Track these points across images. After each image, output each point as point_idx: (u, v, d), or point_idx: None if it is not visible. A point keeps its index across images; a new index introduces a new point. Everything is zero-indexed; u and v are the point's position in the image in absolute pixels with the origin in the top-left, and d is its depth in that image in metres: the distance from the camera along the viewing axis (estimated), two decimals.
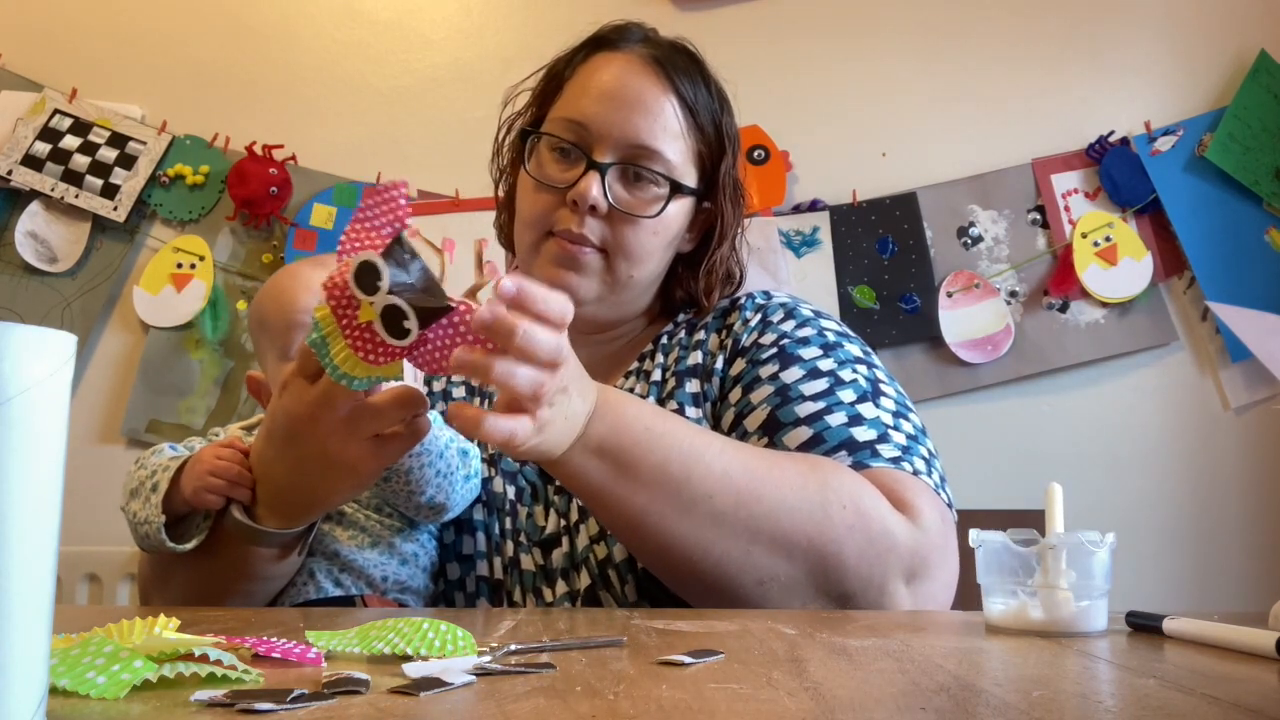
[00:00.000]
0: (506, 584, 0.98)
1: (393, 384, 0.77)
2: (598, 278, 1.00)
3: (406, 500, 0.92)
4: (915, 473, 0.91)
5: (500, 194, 1.14)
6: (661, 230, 1.01)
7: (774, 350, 0.99)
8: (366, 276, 0.67)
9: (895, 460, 0.90)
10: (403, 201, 0.69)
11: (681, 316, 1.10)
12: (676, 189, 1.00)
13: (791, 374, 0.96)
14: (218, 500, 0.85)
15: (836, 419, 0.92)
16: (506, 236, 1.14)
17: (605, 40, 1.05)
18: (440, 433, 0.92)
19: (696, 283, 1.07)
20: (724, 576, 0.82)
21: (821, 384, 0.95)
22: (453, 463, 0.92)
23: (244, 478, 0.85)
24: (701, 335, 1.05)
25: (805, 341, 1.00)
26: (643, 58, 1.02)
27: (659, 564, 0.84)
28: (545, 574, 0.97)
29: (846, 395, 0.95)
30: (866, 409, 0.94)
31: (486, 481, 1.02)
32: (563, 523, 0.97)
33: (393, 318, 0.67)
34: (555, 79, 1.07)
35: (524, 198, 1.04)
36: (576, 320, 1.04)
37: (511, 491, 1.01)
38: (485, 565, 0.98)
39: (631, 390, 1.02)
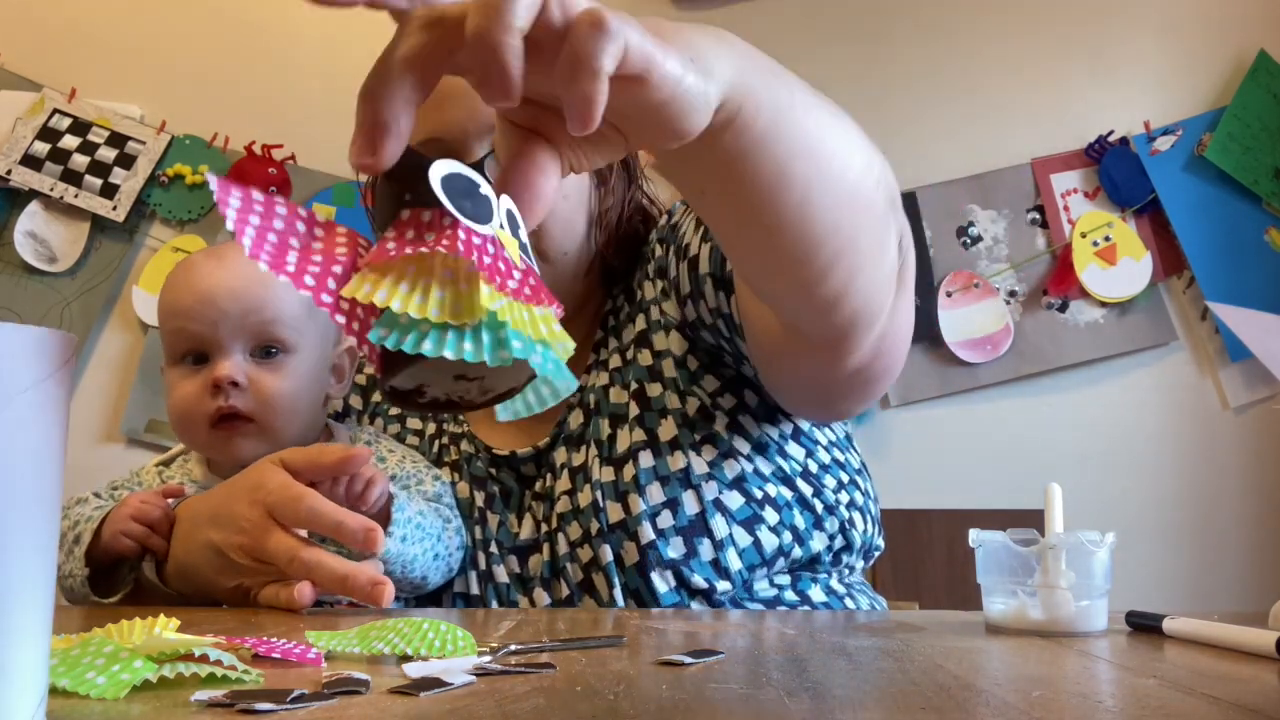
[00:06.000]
0: (483, 597, 0.94)
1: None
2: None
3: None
4: None
5: None
6: (568, 190, 0.92)
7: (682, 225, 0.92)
8: (467, 199, 0.42)
9: None
10: (266, 200, 0.42)
11: (615, 288, 1.01)
12: None
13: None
14: (132, 545, 0.83)
15: None
16: None
17: None
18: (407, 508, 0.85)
19: (602, 232, 0.97)
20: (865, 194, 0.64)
21: None
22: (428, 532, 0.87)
23: (163, 526, 0.83)
24: (640, 293, 0.98)
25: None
26: None
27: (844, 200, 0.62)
28: (522, 583, 0.93)
29: None
30: None
31: (452, 487, 0.97)
32: (544, 528, 0.93)
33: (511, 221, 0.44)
34: None
35: None
36: None
37: (480, 498, 0.96)
38: (461, 581, 0.94)
39: (594, 387, 0.96)
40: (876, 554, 1.01)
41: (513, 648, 0.56)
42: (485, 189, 0.43)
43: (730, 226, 0.67)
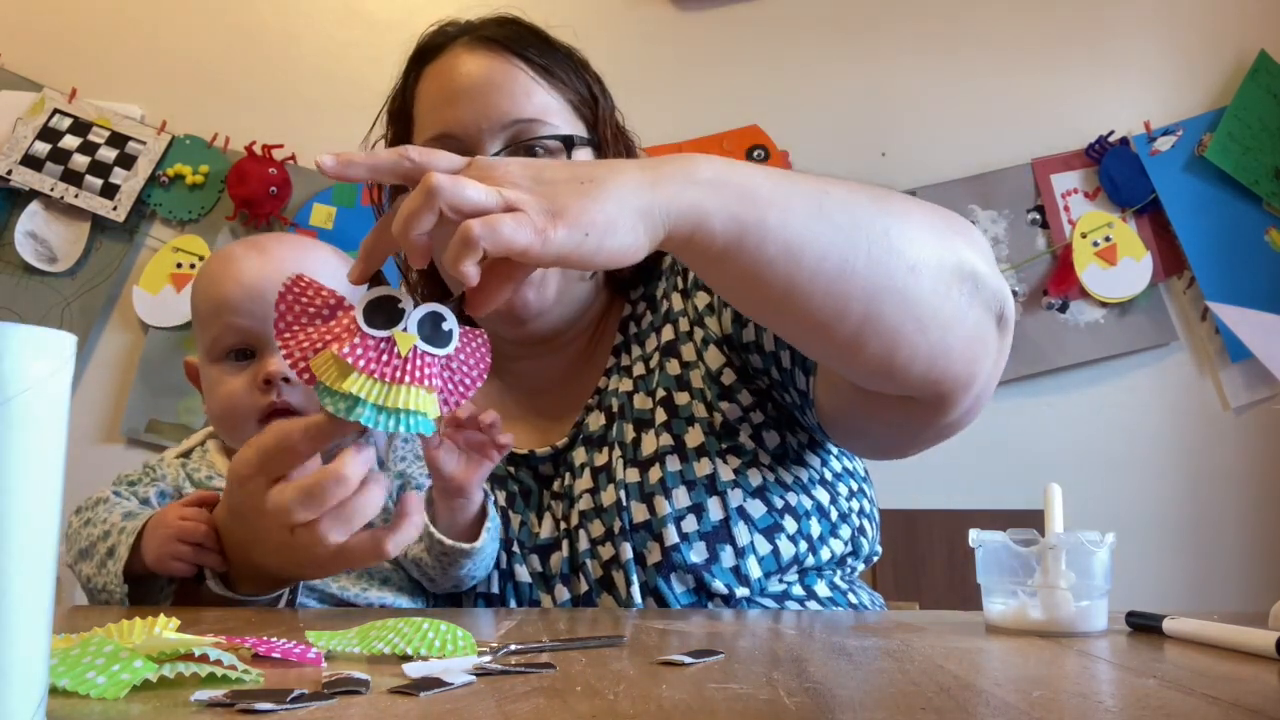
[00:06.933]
0: (503, 596, 0.94)
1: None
2: (546, 274, 0.93)
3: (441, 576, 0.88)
4: None
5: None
6: None
7: None
8: (381, 312, 0.65)
9: None
10: (314, 290, 0.68)
11: (634, 294, 1.03)
12: (570, 143, 0.93)
13: None
14: (187, 568, 0.79)
15: None
16: None
17: (428, 51, 0.99)
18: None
19: None
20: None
21: None
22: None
23: (213, 539, 0.79)
24: (667, 304, 0.99)
25: None
26: (470, 45, 0.96)
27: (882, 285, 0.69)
28: (544, 580, 0.93)
29: None
30: None
31: None
32: (563, 526, 0.94)
33: (434, 325, 0.65)
34: (402, 116, 1.00)
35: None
36: (538, 333, 0.97)
37: (501, 497, 0.96)
38: (484, 581, 0.93)
39: (616, 391, 0.97)
40: (875, 559, 1.03)
41: (513, 648, 0.56)
42: (405, 304, 0.65)
43: (733, 302, 0.76)
